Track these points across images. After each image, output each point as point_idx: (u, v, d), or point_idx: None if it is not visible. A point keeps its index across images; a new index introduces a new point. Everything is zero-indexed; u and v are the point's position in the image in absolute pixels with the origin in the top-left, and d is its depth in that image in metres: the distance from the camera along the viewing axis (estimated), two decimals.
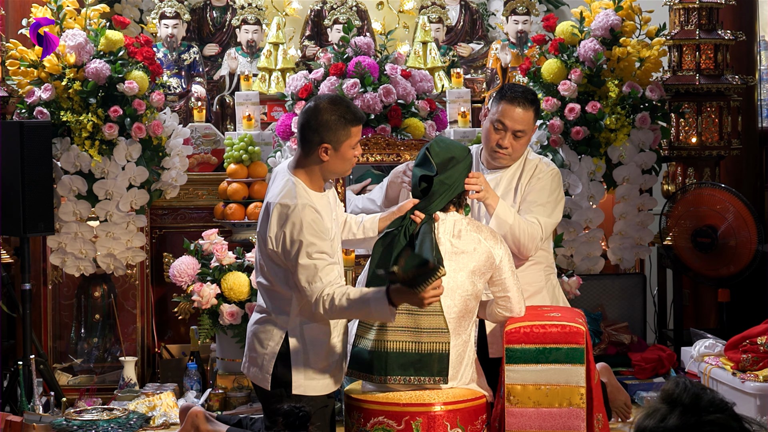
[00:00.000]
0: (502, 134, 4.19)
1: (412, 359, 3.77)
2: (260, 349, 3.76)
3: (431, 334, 3.78)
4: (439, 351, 3.79)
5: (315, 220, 3.64)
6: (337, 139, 3.70)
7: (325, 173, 3.77)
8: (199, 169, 6.25)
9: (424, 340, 3.78)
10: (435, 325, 3.78)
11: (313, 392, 3.76)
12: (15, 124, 5.30)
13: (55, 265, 5.70)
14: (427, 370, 3.78)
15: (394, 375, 3.77)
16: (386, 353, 3.77)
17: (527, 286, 4.17)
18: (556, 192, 4.24)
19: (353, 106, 3.78)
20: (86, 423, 4.87)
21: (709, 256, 5.80)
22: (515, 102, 4.18)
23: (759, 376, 4.83)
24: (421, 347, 3.79)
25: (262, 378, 3.77)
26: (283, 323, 3.74)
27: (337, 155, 3.72)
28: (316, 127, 3.69)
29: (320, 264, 3.61)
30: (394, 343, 3.78)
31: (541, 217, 4.15)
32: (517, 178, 4.24)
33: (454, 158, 3.89)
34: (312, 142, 3.70)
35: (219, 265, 5.45)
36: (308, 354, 3.74)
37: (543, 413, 3.83)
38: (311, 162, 3.73)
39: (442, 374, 3.79)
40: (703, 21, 6.21)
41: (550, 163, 4.29)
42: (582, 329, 3.84)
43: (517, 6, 6.66)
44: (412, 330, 3.78)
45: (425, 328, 3.78)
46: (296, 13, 6.97)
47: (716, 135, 6.21)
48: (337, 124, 3.69)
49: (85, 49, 5.54)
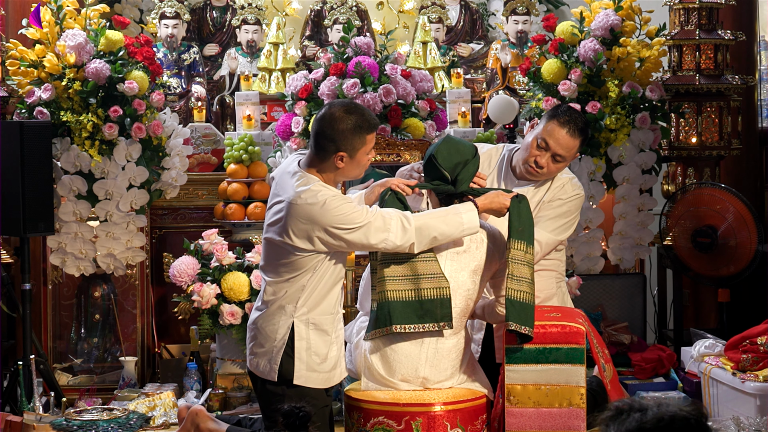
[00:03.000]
0: (543, 153, 4.09)
1: (413, 307, 3.79)
2: (269, 342, 3.79)
3: (430, 280, 3.80)
4: (440, 296, 3.80)
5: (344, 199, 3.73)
6: (353, 147, 3.72)
7: (339, 177, 3.81)
8: (199, 169, 6.25)
9: (423, 286, 3.80)
10: (432, 270, 3.80)
11: (313, 384, 3.78)
12: (15, 124, 5.30)
13: (55, 265, 5.70)
14: (430, 315, 3.80)
15: (398, 323, 3.79)
16: (388, 303, 3.79)
17: (539, 292, 4.17)
18: (573, 215, 4.18)
19: (367, 112, 3.77)
20: (86, 423, 4.87)
21: (709, 256, 5.80)
22: (565, 126, 4.08)
23: (759, 376, 4.83)
24: (422, 294, 3.80)
25: (270, 370, 3.79)
26: (291, 313, 3.76)
27: (353, 162, 3.75)
28: (332, 136, 3.70)
29: (378, 213, 3.72)
30: (394, 292, 3.80)
31: (545, 232, 4.09)
32: (542, 194, 4.17)
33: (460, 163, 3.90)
34: (327, 151, 3.72)
35: (219, 265, 5.45)
36: (311, 345, 3.76)
37: (543, 413, 3.84)
38: (325, 167, 3.76)
39: (446, 319, 3.80)
40: (703, 21, 6.21)
41: (577, 186, 4.20)
42: (582, 329, 3.84)
43: (517, 6, 6.66)
44: (411, 278, 3.80)
45: (423, 274, 3.80)
46: (296, 13, 6.97)
47: (716, 135, 6.21)
48: (353, 133, 3.70)
49: (85, 49, 5.54)
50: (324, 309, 3.79)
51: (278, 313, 3.78)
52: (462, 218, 3.78)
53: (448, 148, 3.91)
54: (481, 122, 6.59)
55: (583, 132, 4.13)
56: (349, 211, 3.68)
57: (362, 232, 3.69)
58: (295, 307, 3.76)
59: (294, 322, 3.76)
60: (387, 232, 3.71)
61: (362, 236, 3.69)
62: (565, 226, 4.16)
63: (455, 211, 3.80)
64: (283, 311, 3.77)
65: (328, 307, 3.81)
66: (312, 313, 3.78)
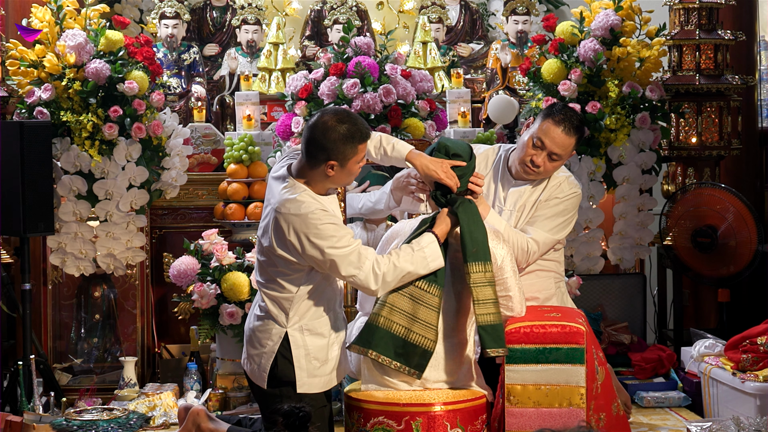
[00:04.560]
0: (538, 152, 4.10)
1: (396, 343, 3.78)
2: (258, 348, 3.79)
3: (422, 327, 3.79)
4: (424, 347, 3.79)
5: (329, 217, 3.68)
6: (344, 157, 3.70)
7: (329, 184, 3.78)
8: (199, 169, 6.25)
9: (414, 330, 3.79)
10: (429, 319, 3.79)
11: (316, 389, 3.79)
12: (15, 124, 5.30)
13: (55, 265, 5.70)
14: (405, 358, 3.79)
15: (377, 351, 3.78)
16: (376, 327, 3.78)
17: (538, 293, 4.18)
18: (570, 214, 4.18)
19: (360, 121, 3.75)
20: (86, 423, 4.87)
21: (709, 256, 5.81)
22: (560, 124, 4.08)
23: (759, 376, 4.84)
24: (410, 336, 3.79)
25: (259, 376, 3.80)
26: (282, 323, 3.76)
27: (343, 171, 3.73)
28: (324, 145, 3.67)
29: (357, 247, 3.69)
30: (388, 321, 3.79)
31: (542, 232, 4.10)
32: (538, 193, 4.17)
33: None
34: (318, 159, 3.70)
35: (219, 265, 5.45)
36: (310, 352, 3.76)
37: (543, 413, 3.84)
38: (315, 175, 3.74)
39: (419, 369, 3.80)
40: (703, 21, 6.21)
41: (574, 185, 4.21)
42: (582, 329, 3.85)
43: (517, 6, 6.65)
44: (408, 316, 3.79)
45: (419, 319, 3.79)
46: (296, 13, 6.97)
47: (716, 135, 6.21)
48: (345, 143, 3.68)
49: (85, 49, 5.54)
50: (316, 313, 3.79)
51: (270, 322, 3.79)
52: (425, 253, 3.77)
53: (445, 148, 3.92)
54: (481, 122, 6.59)
55: (579, 130, 4.13)
56: (331, 232, 3.65)
57: (336, 257, 3.65)
58: (287, 318, 3.76)
59: (288, 332, 3.77)
60: (358, 270, 3.69)
61: (333, 262, 3.66)
62: (562, 224, 4.16)
63: (418, 247, 3.78)
64: (276, 322, 3.78)
65: (323, 309, 3.80)
66: (306, 319, 3.77)
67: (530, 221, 4.13)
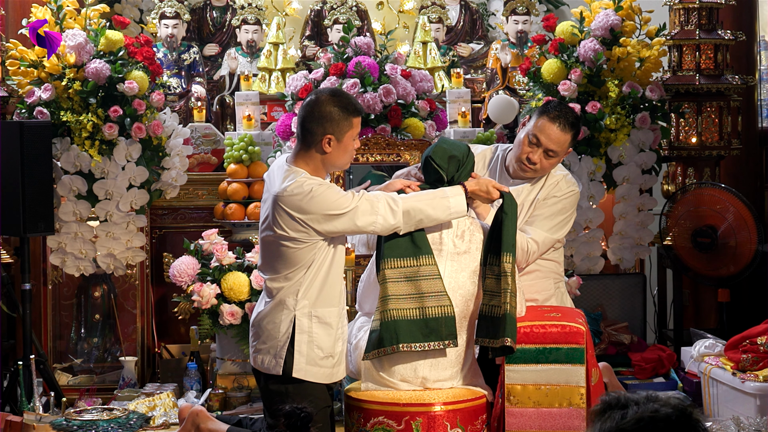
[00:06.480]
0: (534, 149, 4.10)
1: (418, 325, 3.79)
2: (273, 339, 3.78)
3: (434, 298, 3.79)
4: (444, 315, 3.80)
5: (330, 186, 3.73)
6: (340, 130, 3.74)
7: (327, 166, 3.80)
8: (199, 169, 6.25)
9: (428, 304, 3.79)
10: (435, 288, 3.80)
11: (312, 378, 3.77)
12: (15, 124, 5.30)
13: (55, 265, 5.70)
14: (435, 334, 3.79)
15: (405, 342, 3.78)
16: (394, 322, 3.78)
17: (537, 294, 4.18)
18: (568, 212, 4.18)
19: (353, 97, 3.85)
20: (86, 423, 4.87)
21: (709, 256, 5.81)
22: (555, 121, 4.09)
23: (759, 376, 4.83)
24: (426, 312, 3.79)
25: (276, 364, 3.78)
26: (292, 306, 3.76)
27: (340, 146, 3.76)
28: (319, 119, 3.73)
29: (363, 197, 3.74)
30: (399, 311, 3.79)
31: (542, 231, 4.10)
32: (536, 192, 4.18)
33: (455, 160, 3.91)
34: (315, 134, 3.73)
35: (219, 265, 5.45)
36: (313, 339, 3.76)
37: (543, 413, 3.84)
38: (313, 154, 3.76)
39: (451, 338, 3.81)
40: (703, 21, 6.21)
41: (571, 183, 4.21)
42: (582, 329, 3.85)
43: (517, 6, 6.66)
44: (415, 297, 3.80)
45: (427, 293, 3.79)
46: (296, 13, 6.97)
47: (716, 135, 6.21)
48: (340, 115, 3.73)
49: (85, 49, 5.54)
50: (326, 301, 3.79)
51: (279, 308, 3.78)
52: (449, 202, 3.82)
53: (443, 148, 3.93)
54: (481, 122, 6.59)
55: (574, 126, 4.14)
56: (336, 197, 3.70)
57: (349, 217, 3.71)
58: (296, 299, 3.76)
59: (296, 315, 3.77)
60: (375, 215, 3.74)
61: (350, 221, 3.71)
62: (561, 223, 4.16)
63: (443, 195, 3.83)
64: (284, 306, 3.77)
65: (331, 299, 3.80)
66: (314, 306, 3.78)
67: (529, 221, 4.13)
